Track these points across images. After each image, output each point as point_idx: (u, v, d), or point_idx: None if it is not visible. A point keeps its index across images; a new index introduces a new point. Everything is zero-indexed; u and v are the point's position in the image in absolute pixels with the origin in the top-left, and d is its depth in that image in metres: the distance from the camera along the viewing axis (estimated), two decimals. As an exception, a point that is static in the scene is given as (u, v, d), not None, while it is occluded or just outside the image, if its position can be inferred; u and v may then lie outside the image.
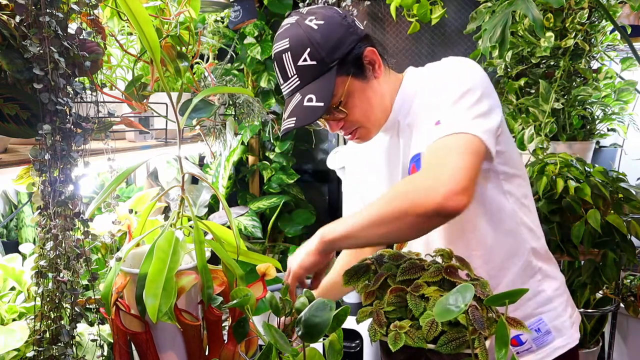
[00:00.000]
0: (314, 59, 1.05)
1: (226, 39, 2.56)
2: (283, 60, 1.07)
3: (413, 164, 1.14)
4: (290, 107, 1.08)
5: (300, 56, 1.05)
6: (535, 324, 1.20)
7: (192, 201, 2.01)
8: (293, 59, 1.06)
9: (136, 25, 0.89)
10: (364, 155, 1.33)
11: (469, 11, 2.61)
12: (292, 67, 1.06)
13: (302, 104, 1.06)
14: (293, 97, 1.08)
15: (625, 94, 2.00)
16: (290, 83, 1.08)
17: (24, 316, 1.04)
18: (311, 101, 1.05)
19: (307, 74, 1.06)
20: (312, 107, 1.05)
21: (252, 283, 1.07)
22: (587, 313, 2.14)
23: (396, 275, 0.97)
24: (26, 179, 0.89)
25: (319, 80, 1.06)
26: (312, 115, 1.05)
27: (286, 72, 1.08)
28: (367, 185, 1.34)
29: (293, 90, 1.08)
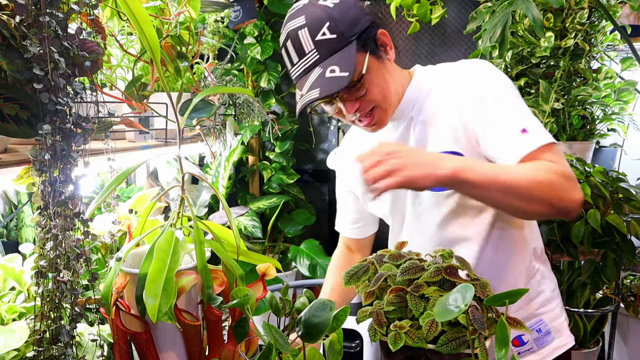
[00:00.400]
0: (333, 32, 1.04)
1: (226, 39, 2.56)
2: (299, 37, 1.05)
3: None
4: (309, 81, 1.05)
5: (318, 30, 1.04)
6: (536, 324, 1.21)
7: (192, 201, 2.01)
8: (311, 34, 1.04)
9: (136, 25, 0.89)
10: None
11: (469, 11, 2.61)
12: (309, 43, 1.05)
13: (323, 76, 1.04)
14: (311, 72, 1.06)
15: (625, 94, 2.00)
16: (307, 59, 1.06)
17: (24, 316, 1.04)
18: (334, 72, 1.03)
19: (326, 48, 1.04)
20: (336, 77, 1.03)
21: (252, 283, 1.07)
22: (587, 313, 2.14)
23: (396, 276, 0.97)
24: (26, 179, 0.89)
25: (340, 53, 1.05)
26: (336, 85, 1.03)
27: (302, 49, 1.06)
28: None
29: (311, 65, 1.06)
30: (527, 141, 1.02)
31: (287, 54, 1.10)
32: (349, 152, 1.36)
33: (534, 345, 1.20)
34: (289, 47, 1.08)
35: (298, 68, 1.08)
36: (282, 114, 2.94)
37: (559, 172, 0.98)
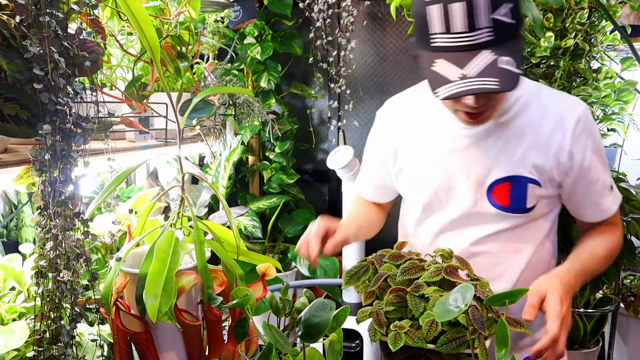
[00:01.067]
0: (513, 17, 0.90)
1: (226, 39, 2.56)
2: (474, 5, 0.88)
3: (499, 184, 1.10)
4: (478, 65, 0.90)
5: (499, 7, 0.88)
6: None
7: (192, 201, 2.01)
8: (492, 7, 0.88)
9: (136, 25, 0.89)
10: (422, 133, 1.20)
11: (469, 11, 2.61)
12: (486, 17, 0.88)
13: (495, 65, 0.90)
14: (476, 52, 0.90)
15: (625, 94, 2.00)
16: (477, 35, 0.90)
17: (24, 316, 1.04)
18: (509, 65, 0.90)
19: (503, 32, 0.90)
20: (511, 73, 0.90)
21: (252, 283, 1.07)
22: (587, 313, 2.14)
23: (396, 276, 0.97)
24: (26, 179, 0.89)
25: (512, 43, 0.92)
26: (512, 83, 0.90)
27: (474, 20, 0.89)
28: (413, 163, 1.21)
29: (479, 45, 0.90)
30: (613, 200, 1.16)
31: (446, 15, 0.90)
32: (395, 120, 1.25)
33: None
34: (454, 9, 0.89)
35: (460, 39, 0.91)
36: (282, 114, 2.94)
37: (621, 239, 1.18)
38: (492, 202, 1.12)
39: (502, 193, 1.11)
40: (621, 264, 1.79)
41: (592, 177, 1.11)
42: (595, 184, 1.12)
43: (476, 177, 1.12)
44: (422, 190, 1.20)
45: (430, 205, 1.20)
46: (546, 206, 1.15)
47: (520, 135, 1.09)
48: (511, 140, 1.10)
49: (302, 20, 2.75)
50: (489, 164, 1.11)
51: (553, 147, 1.08)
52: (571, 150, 1.08)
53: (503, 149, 1.10)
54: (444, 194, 1.17)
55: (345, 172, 2.40)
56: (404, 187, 1.25)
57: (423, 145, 1.19)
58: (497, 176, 1.10)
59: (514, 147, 1.10)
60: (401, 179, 1.25)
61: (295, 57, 2.88)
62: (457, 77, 0.91)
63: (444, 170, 1.16)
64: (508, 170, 1.09)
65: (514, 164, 1.09)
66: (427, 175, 1.18)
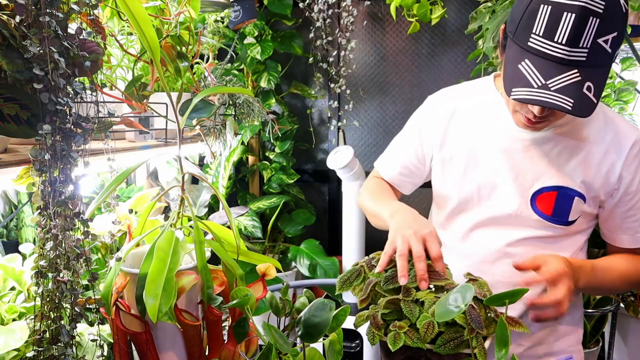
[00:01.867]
0: (612, 46, 0.89)
1: (226, 39, 2.56)
2: (586, 23, 0.86)
3: (545, 192, 1.10)
4: (563, 81, 0.89)
5: (606, 34, 0.87)
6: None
7: (192, 201, 2.01)
8: (598, 31, 0.87)
9: (136, 25, 0.89)
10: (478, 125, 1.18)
11: (469, 11, 2.61)
12: (590, 38, 0.87)
13: (579, 88, 0.89)
14: (567, 69, 0.89)
15: (625, 94, 2.00)
16: (574, 52, 0.88)
17: (24, 316, 1.04)
18: (590, 91, 0.90)
19: (598, 57, 0.89)
20: (589, 99, 0.89)
21: (252, 283, 1.07)
22: (587, 313, 2.14)
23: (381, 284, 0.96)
24: (26, 179, 0.89)
25: (602, 71, 0.91)
26: (587, 109, 0.90)
27: (578, 38, 0.87)
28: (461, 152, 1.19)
29: (571, 62, 0.89)
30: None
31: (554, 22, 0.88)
32: (451, 104, 1.23)
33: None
34: (565, 19, 0.87)
35: (557, 49, 0.89)
36: (282, 114, 2.94)
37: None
38: (535, 208, 1.12)
39: (547, 202, 1.11)
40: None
41: (636, 203, 1.11)
42: (638, 210, 1.12)
43: (524, 180, 1.12)
44: (465, 183, 1.18)
45: (469, 200, 1.18)
46: (586, 222, 1.15)
47: (576, 148, 1.09)
48: (566, 151, 1.10)
49: (302, 20, 2.75)
50: (540, 170, 1.11)
51: (605, 166, 1.09)
52: (622, 173, 1.09)
53: (556, 158, 1.10)
54: (487, 191, 1.15)
55: (345, 172, 2.40)
56: (445, 178, 1.22)
57: (476, 139, 1.17)
58: (545, 184, 1.10)
59: (567, 159, 1.10)
60: (444, 169, 1.22)
61: (295, 57, 2.88)
62: (538, 84, 0.90)
63: (493, 167, 1.14)
64: (558, 180, 1.09)
65: (564, 175, 1.09)
66: (474, 169, 1.17)
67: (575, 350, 1.23)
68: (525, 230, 1.14)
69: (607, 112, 1.14)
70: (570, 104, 0.88)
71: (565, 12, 0.87)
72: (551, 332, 1.18)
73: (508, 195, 1.14)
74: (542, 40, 0.90)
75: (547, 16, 0.88)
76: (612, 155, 1.09)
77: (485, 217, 1.17)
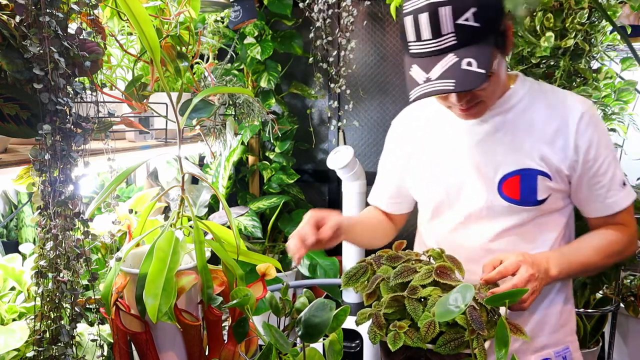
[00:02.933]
0: (477, 20, 0.96)
1: (226, 39, 2.56)
2: (438, 14, 0.96)
3: (509, 178, 1.14)
4: (441, 67, 0.98)
5: (462, 13, 0.96)
6: (563, 351, 1.23)
7: (192, 201, 2.01)
8: (453, 15, 0.95)
9: (136, 25, 0.89)
10: (434, 135, 1.25)
11: (469, 11, 2.60)
12: (449, 23, 0.96)
13: (458, 67, 0.97)
14: (442, 56, 0.98)
15: (625, 94, 2.00)
16: (442, 41, 0.97)
17: (24, 316, 1.04)
18: (471, 65, 0.96)
19: (466, 35, 0.96)
20: (473, 73, 0.96)
21: (252, 283, 1.07)
22: (587, 313, 2.14)
23: (390, 279, 0.97)
24: (26, 179, 0.89)
25: (478, 45, 0.98)
26: (473, 82, 0.96)
27: (439, 28, 0.97)
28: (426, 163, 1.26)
29: (444, 49, 0.98)
30: (623, 196, 1.16)
31: (416, 26, 0.99)
32: (409, 125, 1.31)
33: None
34: (421, 20, 0.98)
35: (427, 45, 0.99)
36: (282, 114, 2.94)
37: (629, 238, 1.17)
38: (503, 195, 1.15)
39: (513, 186, 1.14)
40: (621, 264, 1.79)
41: (598, 170, 1.14)
42: (602, 177, 1.14)
43: (487, 172, 1.16)
44: (434, 188, 1.24)
45: (441, 205, 1.23)
46: (560, 200, 1.17)
47: (527, 130, 1.14)
48: (519, 135, 1.14)
49: (302, 20, 2.75)
50: (499, 158, 1.15)
51: (559, 141, 1.13)
52: (576, 143, 1.12)
53: (511, 143, 1.14)
54: (455, 193, 1.20)
55: (345, 172, 2.40)
56: (417, 188, 1.29)
57: (434, 145, 1.24)
58: (507, 170, 1.14)
59: (521, 142, 1.14)
60: (415, 181, 1.29)
61: (295, 57, 2.88)
62: (423, 80, 1.00)
63: (454, 168, 1.20)
64: (517, 163, 1.14)
65: (522, 158, 1.13)
66: (439, 174, 1.22)
67: (571, 340, 1.26)
68: (501, 221, 1.17)
69: (550, 92, 1.18)
70: (453, 84, 0.96)
71: (419, 14, 0.98)
72: (546, 325, 1.21)
73: (475, 191, 1.18)
74: (415, 43, 1.01)
75: (411, 23, 1.00)
76: (564, 129, 1.13)
77: (460, 217, 1.21)
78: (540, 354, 1.21)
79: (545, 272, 1.04)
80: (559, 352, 1.22)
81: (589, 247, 1.15)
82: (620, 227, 1.17)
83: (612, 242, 1.16)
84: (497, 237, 1.17)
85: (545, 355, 1.21)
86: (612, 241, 1.16)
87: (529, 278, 0.99)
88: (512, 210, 1.15)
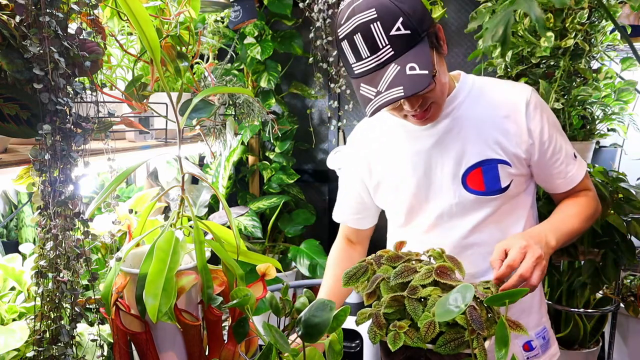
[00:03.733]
0: (407, 28, 1.01)
1: (226, 39, 2.56)
2: (371, 30, 1.01)
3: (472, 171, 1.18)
4: (387, 78, 1.02)
5: (392, 25, 1.01)
6: (542, 331, 1.28)
7: (192, 201, 2.01)
8: (384, 28, 1.01)
9: (136, 25, 0.89)
10: (391, 144, 1.29)
11: (469, 11, 2.61)
12: (383, 37, 1.01)
13: (404, 73, 1.01)
14: (385, 68, 1.03)
15: (625, 94, 2.00)
16: (380, 54, 1.02)
17: (24, 316, 1.04)
18: (414, 69, 1.01)
19: (401, 44, 1.02)
20: (417, 76, 1.01)
21: (252, 283, 1.07)
22: (587, 313, 2.14)
23: (390, 278, 0.97)
24: (26, 179, 0.89)
25: (415, 50, 1.03)
26: (420, 83, 1.01)
27: (376, 42, 1.02)
28: (387, 172, 1.29)
29: (385, 61, 1.03)
30: (579, 167, 1.22)
31: (353, 48, 1.04)
32: (364, 137, 1.34)
33: (540, 351, 1.27)
34: (357, 40, 1.03)
35: (369, 62, 1.04)
36: (282, 114, 2.94)
37: (595, 200, 1.24)
38: (469, 189, 1.19)
39: (476, 179, 1.18)
40: (621, 264, 1.79)
41: (554, 148, 1.19)
42: (558, 154, 1.20)
43: (449, 169, 1.19)
44: (401, 196, 1.26)
45: (412, 208, 1.26)
46: (523, 183, 1.22)
47: (478, 123, 1.18)
48: (472, 129, 1.18)
49: (302, 20, 2.75)
50: (457, 155, 1.19)
51: (511, 127, 1.17)
52: (528, 127, 1.17)
53: (467, 138, 1.18)
54: (423, 196, 1.23)
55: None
56: (383, 199, 1.32)
57: (392, 154, 1.27)
58: (468, 164, 1.18)
59: (476, 135, 1.18)
60: (380, 192, 1.31)
61: (295, 57, 2.88)
62: (373, 94, 1.04)
63: (417, 173, 1.23)
64: (476, 156, 1.18)
65: (480, 149, 1.17)
66: (403, 181, 1.25)
67: (546, 320, 1.31)
68: (472, 215, 1.20)
69: (493, 84, 1.24)
70: (402, 90, 1.00)
71: (354, 36, 1.03)
72: (522, 310, 1.23)
73: (442, 190, 1.21)
74: (356, 64, 1.05)
75: (347, 47, 1.05)
76: (513, 115, 1.17)
77: (432, 218, 1.24)
78: (523, 338, 1.25)
79: (547, 245, 1.07)
80: (539, 332, 1.27)
81: (569, 215, 1.19)
82: (584, 192, 1.25)
83: (585, 206, 1.22)
84: (471, 231, 1.20)
85: (527, 338, 1.26)
86: (585, 205, 1.22)
87: (536, 262, 1.00)
88: (480, 202, 1.19)
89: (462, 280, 0.97)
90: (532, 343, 1.26)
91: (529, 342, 1.26)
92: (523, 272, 0.99)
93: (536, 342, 1.26)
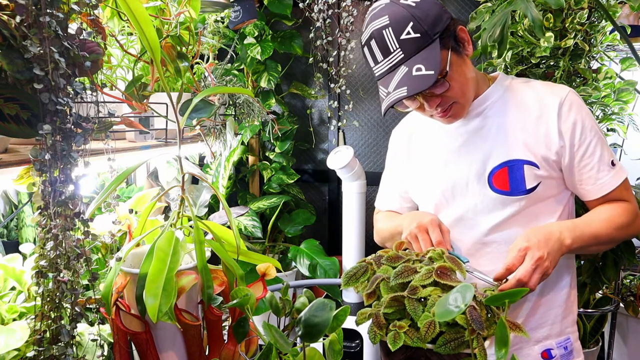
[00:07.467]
0: (417, 31, 1.06)
1: (226, 39, 2.56)
2: (384, 36, 1.08)
3: (498, 171, 1.19)
4: (396, 80, 1.08)
5: (403, 30, 1.06)
6: (564, 341, 1.27)
7: (192, 201, 2.01)
8: (395, 34, 1.07)
9: (136, 25, 0.89)
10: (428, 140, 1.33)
11: (469, 11, 2.61)
12: (394, 42, 1.07)
13: (410, 74, 1.07)
14: (396, 70, 1.09)
15: (625, 94, 2.00)
16: (392, 58, 1.09)
17: (24, 316, 1.04)
18: (420, 70, 1.06)
19: (411, 47, 1.07)
20: (422, 76, 1.06)
21: (252, 283, 1.07)
22: (587, 313, 2.14)
23: (390, 279, 0.97)
24: (26, 179, 0.89)
25: (424, 52, 1.07)
26: (423, 83, 1.05)
27: (387, 47, 1.08)
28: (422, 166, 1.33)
29: (396, 64, 1.09)
30: (614, 175, 1.18)
31: (371, 53, 1.11)
32: (405, 133, 1.39)
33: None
34: (373, 46, 1.10)
35: (382, 66, 1.11)
36: (282, 114, 2.94)
37: (632, 213, 1.19)
38: (494, 188, 1.20)
39: (502, 179, 1.19)
40: (621, 264, 1.79)
41: (585, 152, 1.17)
42: (589, 158, 1.17)
43: (476, 168, 1.21)
44: (430, 191, 1.30)
45: (440, 204, 1.29)
46: (554, 187, 1.21)
47: (508, 122, 1.20)
48: (501, 129, 1.20)
49: (302, 20, 2.75)
50: (484, 154, 1.21)
51: (542, 129, 1.17)
52: (560, 128, 1.16)
53: (495, 137, 1.20)
54: (450, 190, 1.26)
55: (345, 172, 2.40)
56: (416, 193, 1.36)
57: (427, 149, 1.32)
58: (494, 164, 1.20)
59: (504, 135, 1.19)
60: (414, 183, 1.35)
61: (295, 57, 2.88)
62: (385, 95, 1.11)
63: (447, 168, 1.26)
64: (503, 156, 1.19)
65: (507, 150, 1.19)
66: (433, 176, 1.29)
67: (571, 331, 1.29)
68: (496, 214, 1.21)
69: (530, 83, 1.25)
70: (406, 89, 1.06)
71: (370, 42, 1.10)
72: (547, 315, 1.24)
73: (468, 188, 1.23)
74: (375, 67, 1.13)
75: (367, 52, 1.13)
76: (545, 116, 1.18)
77: (457, 214, 1.26)
78: (542, 344, 1.25)
79: (560, 242, 1.08)
80: (560, 342, 1.26)
81: (597, 219, 1.17)
82: (622, 203, 1.20)
83: (619, 213, 1.18)
84: (492, 230, 1.21)
85: (547, 346, 1.25)
86: (618, 213, 1.18)
87: (535, 265, 1.02)
88: (504, 202, 1.19)
89: (462, 280, 0.97)
90: (551, 352, 1.25)
91: (549, 350, 1.25)
92: (520, 276, 1.01)
93: (556, 351, 1.25)
